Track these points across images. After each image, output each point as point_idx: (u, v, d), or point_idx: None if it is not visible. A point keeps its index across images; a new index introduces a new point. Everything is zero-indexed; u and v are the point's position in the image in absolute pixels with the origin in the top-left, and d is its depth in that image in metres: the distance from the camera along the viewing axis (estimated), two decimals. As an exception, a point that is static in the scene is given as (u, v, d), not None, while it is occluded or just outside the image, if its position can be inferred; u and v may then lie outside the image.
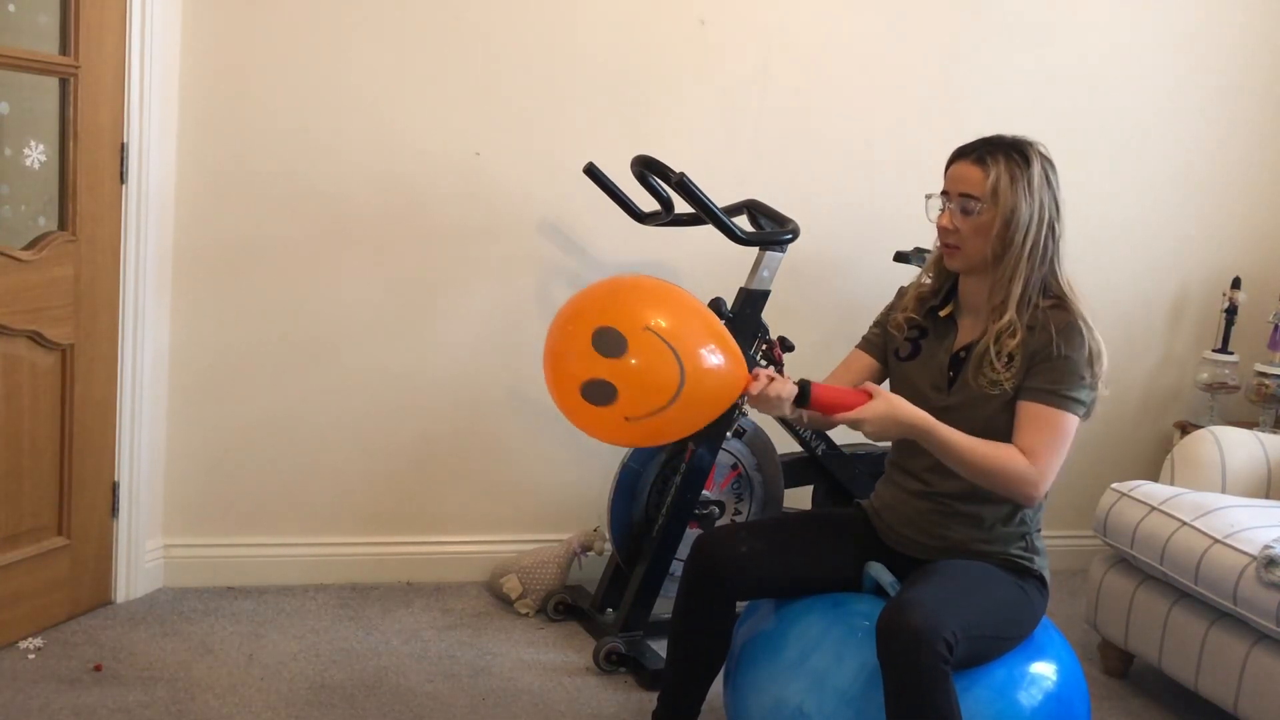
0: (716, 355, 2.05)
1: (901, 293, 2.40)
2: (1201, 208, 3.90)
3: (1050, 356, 2.11)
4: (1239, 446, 3.16)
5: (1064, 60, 3.66)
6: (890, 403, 2.06)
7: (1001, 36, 3.59)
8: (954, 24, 3.55)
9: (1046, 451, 2.08)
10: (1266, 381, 3.73)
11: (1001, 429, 2.13)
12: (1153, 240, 3.87)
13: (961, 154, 2.20)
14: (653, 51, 3.31)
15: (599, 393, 2.00)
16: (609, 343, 1.99)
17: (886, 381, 2.36)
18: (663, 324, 2.01)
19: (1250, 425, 3.56)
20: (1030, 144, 2.18)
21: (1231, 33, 3.80)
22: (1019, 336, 2.13)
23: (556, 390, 2.11)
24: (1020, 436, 2.10)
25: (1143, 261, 3.87)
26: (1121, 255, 3.82)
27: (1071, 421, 2.11)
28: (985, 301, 2.20)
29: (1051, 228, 2.15)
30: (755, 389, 2.04)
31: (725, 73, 3.38)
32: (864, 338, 2.42)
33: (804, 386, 2.07)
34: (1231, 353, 3.84)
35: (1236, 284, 3.83)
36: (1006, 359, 2.14)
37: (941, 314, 2.28)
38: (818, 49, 3.44)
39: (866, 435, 2.08)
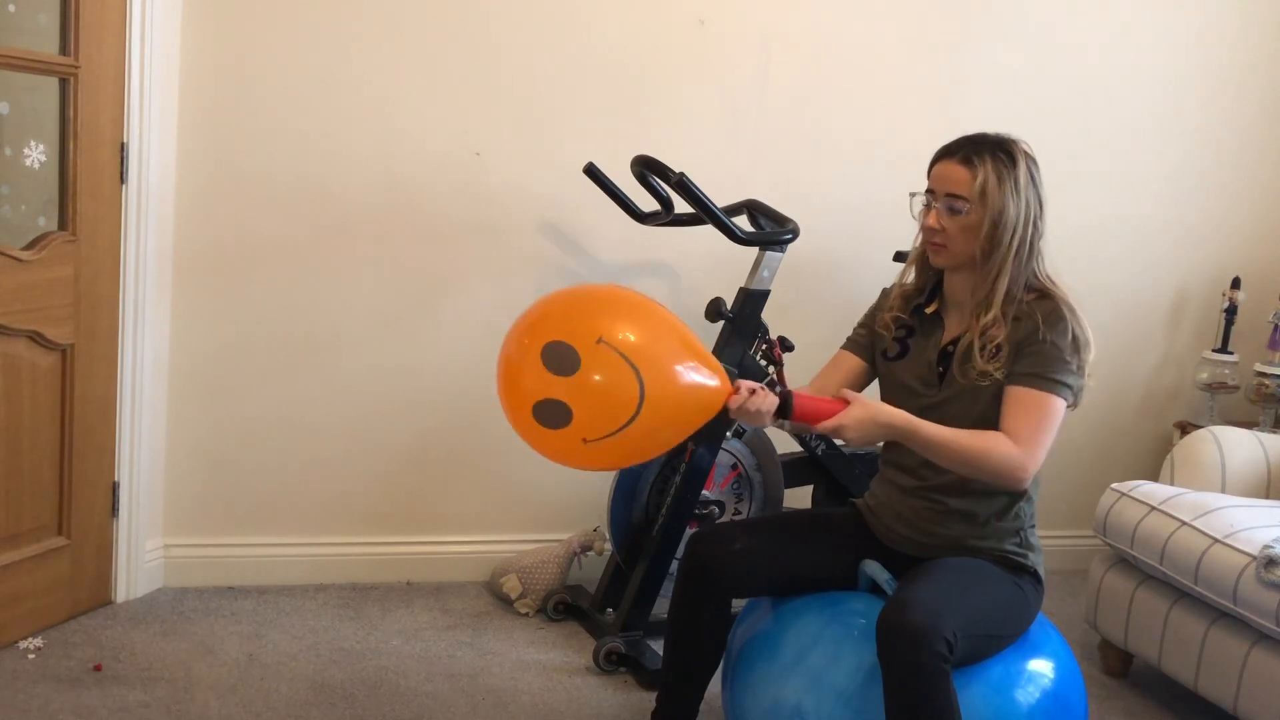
0: (684, 369, 1.94)
1: (885, 294, 2.39)
2: (1201, 208, 3.90)
3: (1036, 342, 2.11)
4: (1239, 446, 3.16)
5: (1063, 59, 3.65)
6: (868, 407, 2.06)
7: (1001, 36, 3.59)
8: (953, 23, 3.54)
9: (1033, 434, 2.07)
10: (1266, 381, 3.72)
11: (996, 420, 2.12)
12: (1153, 240, 3.87)
13: (947, 153, 2.18)
14: (653, 51, 3.31)
15: (552, 414, 1.86)
16: (560, 359, 1.85)
17: (876, 382, 2.36)
18: (619, 336, 1.86)
19: (1250, 425, 3.55)
20: (1014, 142, 2.17)
21: (1231, 32, 3.80)
22: (1005, 331, 2.14)
23: (509, 411, 1.96)
24: (1006, 421, 2.10)
25: (1143, 261, 3.87)
26: (1121, 255, 3.82)
27: (1058, 405, 2.10)
28: (970, 297, 2.20)
29: (1035, 225, 2.15)
30: (735, 403, 2.01)
31: (725, 73, 3.38)
32: (849, 338, 2.41)
33: (786, 398, 2.04)
34: (1231, 353, 3.83)
35: (1236, 284, 3.83)
36: (994, 350, 2.14)
37: (928, 311, 2.28)
38: (817, 49, 3.44)
39: (849, 441, 2.08)
